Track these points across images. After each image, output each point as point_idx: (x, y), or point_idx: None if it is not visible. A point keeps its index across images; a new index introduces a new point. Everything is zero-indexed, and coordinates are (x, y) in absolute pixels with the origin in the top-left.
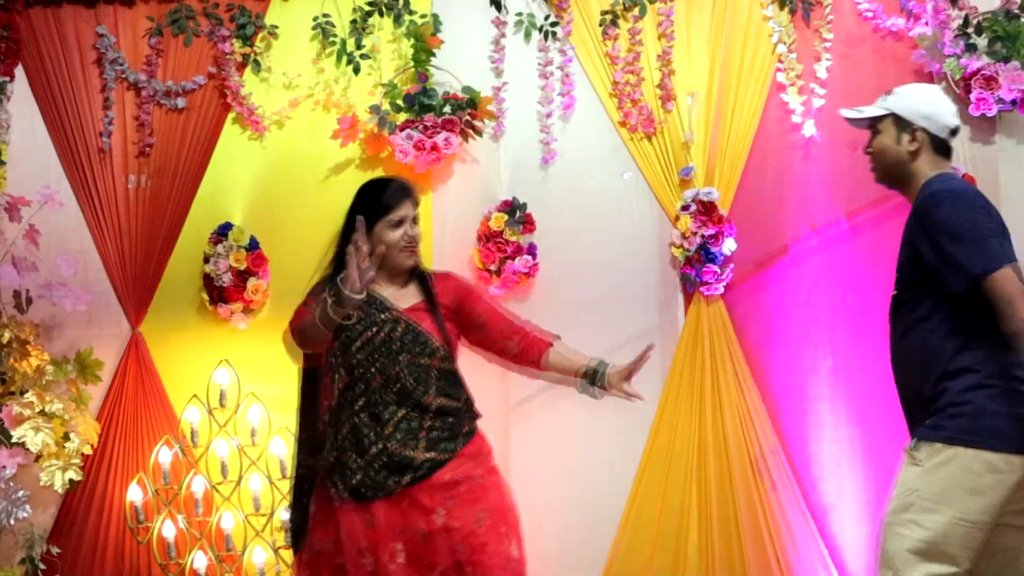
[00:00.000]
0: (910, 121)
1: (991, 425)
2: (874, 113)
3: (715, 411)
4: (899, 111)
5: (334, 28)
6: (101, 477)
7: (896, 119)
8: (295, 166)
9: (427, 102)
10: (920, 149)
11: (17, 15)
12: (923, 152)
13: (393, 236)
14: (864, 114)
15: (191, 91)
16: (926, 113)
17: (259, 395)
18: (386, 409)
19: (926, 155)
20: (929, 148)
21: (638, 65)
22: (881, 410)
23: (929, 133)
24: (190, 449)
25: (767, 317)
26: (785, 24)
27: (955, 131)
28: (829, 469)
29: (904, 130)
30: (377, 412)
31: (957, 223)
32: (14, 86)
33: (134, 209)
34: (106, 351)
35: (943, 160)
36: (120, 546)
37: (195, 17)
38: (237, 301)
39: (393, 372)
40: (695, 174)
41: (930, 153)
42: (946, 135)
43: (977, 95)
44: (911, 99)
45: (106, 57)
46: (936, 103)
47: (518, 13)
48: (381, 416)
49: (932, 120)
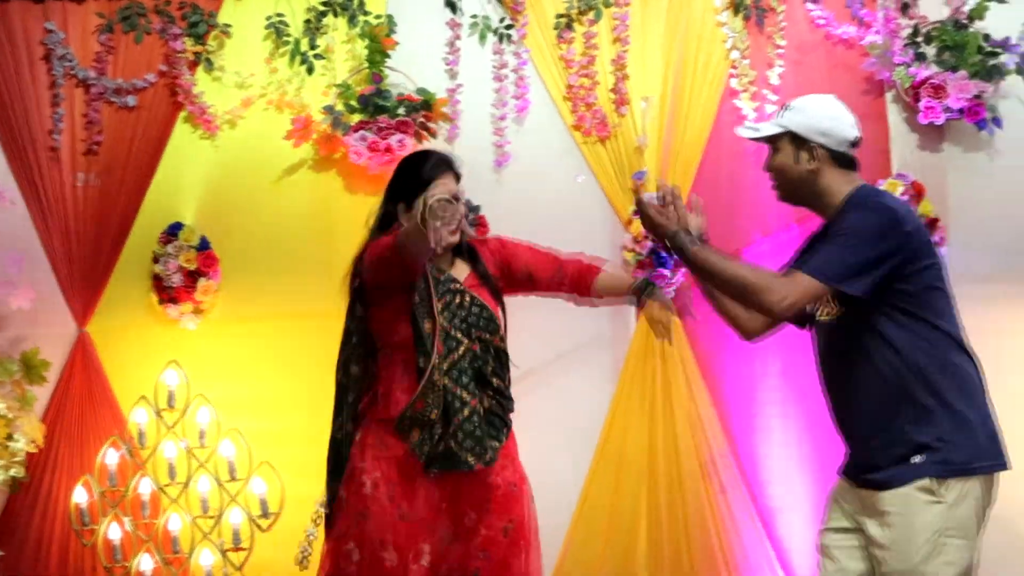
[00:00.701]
0: (807, 139)
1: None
2: (769, 131)
3: (666, 415)
4: (795, 128)
5: (288, 28)
6: (46, 478)
7: (793, 137)
8: (247, 166)
9: (381, 103)
10: (820, 167)
11: None
12: (824, 168)
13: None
14: (761, 133)
15: (142, 89)
16: (823, 129)
17: (208, 397)
18: (469, 380)
19: (828, 171)
20: (830, 163)
21: (592, 69)
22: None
23: (828, 149)
24: (137, 451)
25: (717, 321)
26: (739, 30)
27: (855, 143)
28: (777, 472)
29: (802, 148)
30: (464, 381)
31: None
32: None
33: (83, 207)
34: (52, 351)
35: (850, 172)
36: (64, 548)
37: (146, 14)
38: (187, 302)
39: (470, 343)
40: (648, 178)
41: (832, 168)
42: (846, 148)
43: (926, 103)
44: (807, 115)
45: (55, 53)
46: (834, 117)
47: (473, 15)
48: (467, 386)
49: (830, 136)
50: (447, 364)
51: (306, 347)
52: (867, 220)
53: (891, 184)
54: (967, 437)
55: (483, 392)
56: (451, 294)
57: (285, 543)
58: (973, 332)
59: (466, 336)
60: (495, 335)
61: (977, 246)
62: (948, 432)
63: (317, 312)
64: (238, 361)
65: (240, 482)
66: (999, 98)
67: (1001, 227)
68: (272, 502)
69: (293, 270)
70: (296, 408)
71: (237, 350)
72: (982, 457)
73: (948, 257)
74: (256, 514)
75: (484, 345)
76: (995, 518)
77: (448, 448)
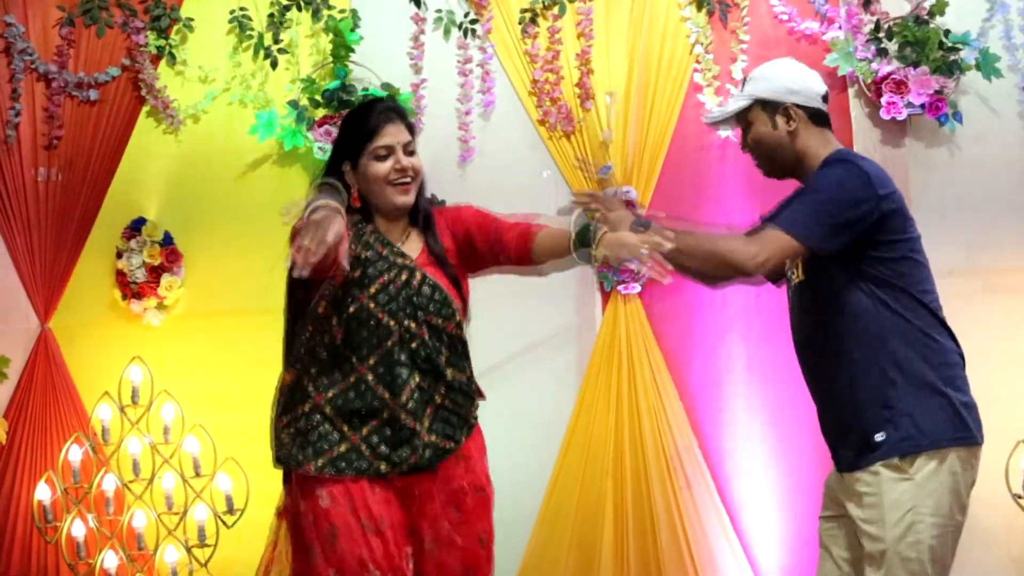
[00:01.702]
0: (779, 101)
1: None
2: (739, 105)
3: (632, 409)
4: (764, 95)
5: (251, 22)
6: (8, 475)
7: (764, 104)
8: (211, 161)
9: (346, 98)
10: (799, 126)
11: None
12: (802, 128)
13: (379, 169)
14: (729, 110)
15: (104, 83)
16: (792, 88)
17: (172, 392)
18: (401, 370)
19: (807, 130)
20: (807, 122)
21: (557, 64)
22: (794, 408)
23: (802, 107)
24: (101, 447)
25: (684, 316)
26: (702, 25)
27: (826, 97)
28: (743, 467)
29: (776, 112)
30: (392, 373)
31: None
32: None
33: (44, 202)
34: (13, 348)
35: (825, 130)
36: (27, 546)
37: (108, 8)
38: (151, 297)
39: (411, 328)
40: (613, 173)
41: (810, 127)
42: (819, 103)
43: (888, 99)
44: (771, 79)
45: (14, 47)
46: (799, 74)
47: (437, 10)
48: (395, 378)
49: (800, 92)
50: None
51: (271, 343)
52: (842, 179)
53: None
54: (933, 411)
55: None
56: (396, 270)
57: (250, 540)
58: None
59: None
60: (450, 320)
61: (939, 241)
62: (912, 406)
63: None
64: (202, 357)
65: (205, 478)
66: (960, 93)
67: (963, 221)
68: (237, 498)
69: (257, 265)
70: (261, 404)
71: (201, 346)
72: (949, 431)
73: None
74: (221, 510)
75: (435, 331)
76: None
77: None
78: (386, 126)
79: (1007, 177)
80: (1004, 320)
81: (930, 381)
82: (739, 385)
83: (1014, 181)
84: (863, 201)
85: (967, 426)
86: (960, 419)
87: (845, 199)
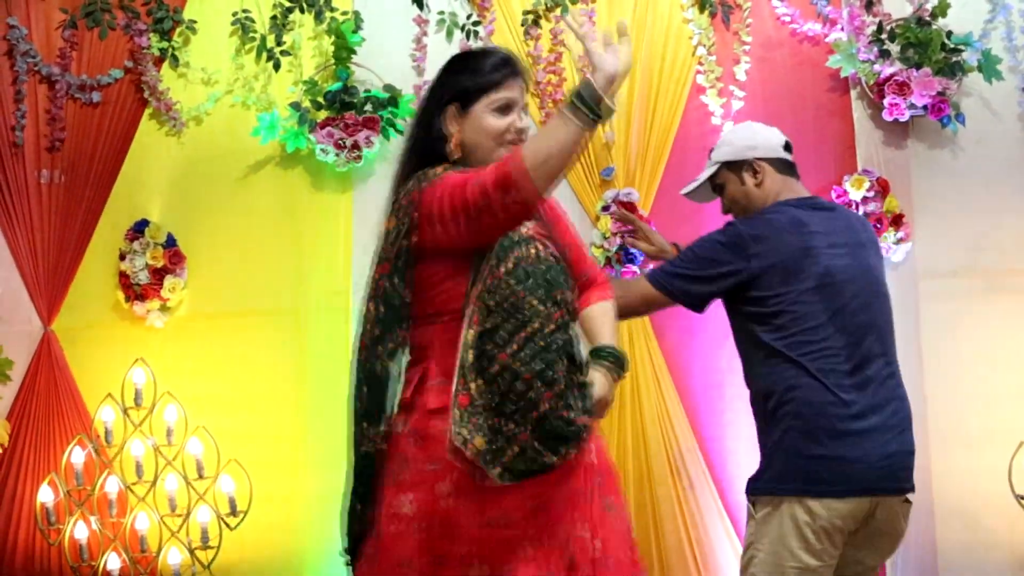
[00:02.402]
0: (742, 159)
1: (808, 469)
2: (708, 173)
3: (634, 410)
4: (727, 157)
5: (254, 24)
6: (11, 478)
7: (729, 165)
8: (214, 162)
9: (348, 100)
10: (764, 177)
11: None
12: (768, 178)
13: (498, 124)
14: (701, 178)
15: (107, 85)
16: (751, 144)
17: (175, 394)
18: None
19: (772, 180)
20: (772, 172)
21: (559, 66)
22: None
23: (764, 159)
24: (104, 449)
25: (685, 317)
26: (705, 27)
27: (787, 146)
28: (745, 467)
29: (742, 169)
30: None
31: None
32: None
33: (47, 204)
34: (17, 349)
35: (789, 178)
36: (30, 548)
37: (111, 10)
38: (154, 299)
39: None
40: (616, 175)
41: (775, 176)
42: (781, 152)
43: (890, 100)
44: (732, 142)
45: (17, 49)
46: (755, 130)
47: (440, 12)
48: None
49: (760, 147)
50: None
51: (274, 344)
52: (714, 238)
53: (856, 180)
54: (780, 460)
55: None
56: (524, 243)
57: (253, 541)
58: (937, 326)
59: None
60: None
61: (941, 242)
62: (767, 453)
63: (284, 309)
64: (206, 358)
65: (208, 480)
66: (962, 95)
67: (965, 222)
68: (240, 500)
69: (260, 267)
70: (264, 405)
71: (204, 347)
72: (790, 480)
73: (912, 252)
74: (224, 512)
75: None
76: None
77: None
78: (512, 80)
79: (1009, 178)
80: (1008, 321)
81: (787, 430)
82: (740, 387)
83: (1016, 182)
84: (726, 262)
85: (815, 479)
86: (808, 470)
87: (707, 257)
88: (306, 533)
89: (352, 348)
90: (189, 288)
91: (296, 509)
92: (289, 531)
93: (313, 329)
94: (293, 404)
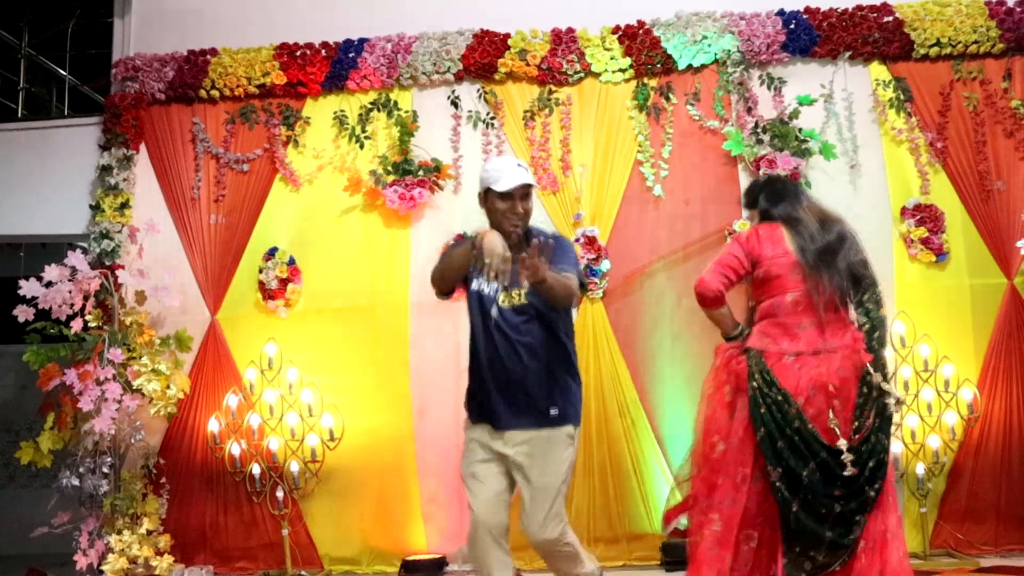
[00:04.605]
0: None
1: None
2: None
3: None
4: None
5: (347, 118)
6: (191, 415)
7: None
8: (320, 210)
9: (407, 168)
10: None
11: (142, 111)
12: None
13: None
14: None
15: (252, 160)
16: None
17: (294, 361)
18: None
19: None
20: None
21: (547, 146)
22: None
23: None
24: (249, 396)
25: (631, 313)
26: (643, 122)
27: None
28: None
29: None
30: None
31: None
32: (139, 157)
33: (213, 237)
34: (194, 331)
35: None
36: (205, 459)
37: (256, 111)
38: (280, 299)
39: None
40: (583, 217)
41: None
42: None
43: (763, 171)
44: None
45: (197, 137)
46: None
47: (469, 110)
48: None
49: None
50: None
51: (358, 329)
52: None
53: (742, 224)
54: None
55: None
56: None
57: (344, 457)
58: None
59: None
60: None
61: None
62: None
63: (364, 306)
64: (314, 338)
65: (315, 418)
66: (809, 168)
67: None
68: (336, 430)
69: (349, 278)
70: (350, 369)
71: (313, 331)
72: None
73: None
74: (326, 438)
75: None
76: None
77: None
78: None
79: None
80: None
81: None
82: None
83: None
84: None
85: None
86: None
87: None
88: (380, 452)
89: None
90: (303, 292)
91: (372, 437)
92: (368, 451)
93: (382, 320)
94: (369, 368)
